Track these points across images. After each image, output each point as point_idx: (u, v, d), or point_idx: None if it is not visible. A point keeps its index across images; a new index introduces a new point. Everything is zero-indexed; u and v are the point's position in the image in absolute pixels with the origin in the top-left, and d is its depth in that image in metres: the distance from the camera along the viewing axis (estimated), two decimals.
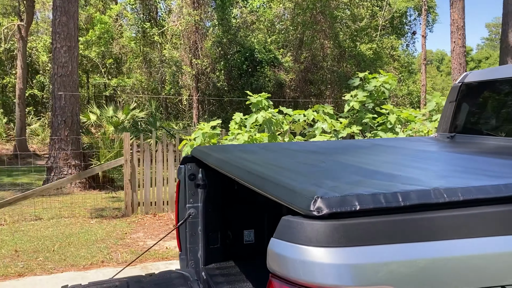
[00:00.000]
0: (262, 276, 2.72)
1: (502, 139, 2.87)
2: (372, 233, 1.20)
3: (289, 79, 18.30)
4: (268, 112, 6.53)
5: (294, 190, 1.32)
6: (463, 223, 1.24)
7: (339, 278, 1.16)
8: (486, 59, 51.53)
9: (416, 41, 67.32)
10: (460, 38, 15.65)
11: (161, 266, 5.64)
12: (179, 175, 2.91)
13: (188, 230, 2.92)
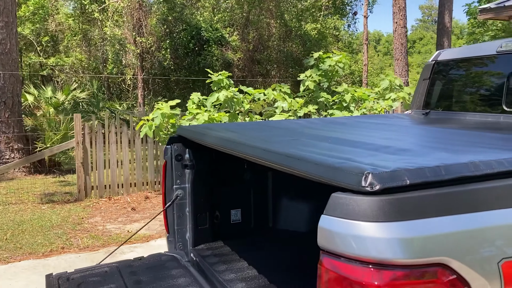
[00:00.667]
0: (254, 254, 2.73)
1: (475, 114, 3.02)
2: (422, 206, 1.23)
3: (237, 58, 18.17)
4: (229, 91, 6.47)
5: (341, 168, 1.31)
6: (505, 193, 1.31)
7: (393, 251, 1.18)
8: (420, 39, 53.80)
9: (357, 22, 68.78)
10: (401, 19, 16.21)
11: (125, 250, 5.50)
12: (165, 156, 2.83)
13: (176, 212, 2.86)
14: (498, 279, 1.24)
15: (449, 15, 16.89)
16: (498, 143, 1.93)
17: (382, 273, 1.19)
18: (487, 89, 3.02)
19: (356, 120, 3.15)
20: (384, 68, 43.72)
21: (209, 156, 2.89)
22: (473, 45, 3.34)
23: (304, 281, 2.39)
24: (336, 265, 1.24)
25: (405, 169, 1.27)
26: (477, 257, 1.23)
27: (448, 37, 17.04)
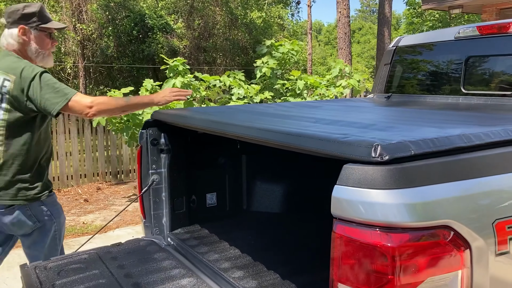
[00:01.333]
0: (233, 235, 2.79)
1: (435, 96, 3.22)
2: (426, 174, 1.33)
3: (182, 46, 17.92)
4: (186, 77, 6.41)
5: (349, 142, 1.39)
6: (494, 162, 1.44)
7: (401, 215, 1.27)
8: (359, 29, 55.43)
9: (301, 11, 69.72)
10: (345, 8, 16.63)
11: (83, 241, 5.36)
12: (140, 140, 2.79)
13: (152, 197, 2.85)
14: (493, 238, 1.37)
15: (389, 5, 17.54)
16: (471, 120, 2.10)
17: (391, 236, 1.28)
18: (446, 73, 3.22)
19: (327, 104, 3.26)
20: (325, 58, 44.70)
21: (185, 140, 2.89)
22: (432, 31, 3.54)
23: (286, 256, 2.47)
24: (349, 230, 1.32)
25: (409, 141, 1.37)
26: (475, 219, 1.36)
27: (388, 26, 17.71)
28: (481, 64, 3.04)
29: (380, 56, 17.74)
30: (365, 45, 51.67)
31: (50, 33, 2.76)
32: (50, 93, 2.55)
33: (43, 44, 2.74)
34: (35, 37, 2.71)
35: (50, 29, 2.75)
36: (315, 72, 28.81)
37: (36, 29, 2.70)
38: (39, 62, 2.76)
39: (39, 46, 2.73)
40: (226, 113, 2.57)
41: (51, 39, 2.78)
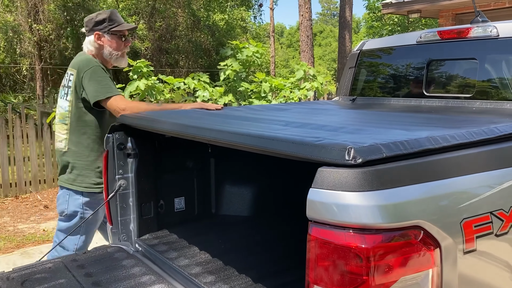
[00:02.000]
0: (202, 239, 2.76)
1: (398, 99, 3.31)
2: (397, 176, 1.36)
3: (144, 47, 17.67)
4: (150, 79, 6.32)
5: (323, 145, 1.41)
6: (459, 163, 1.49)
7: (374, 217, 1.30)
8: (320, 32, 56.27)
9: (263, 13, 70.18)
10: (307, 11, 16.85)
11: (44, 249, 5.18)
12: (106, 145, 2.73)
13: (119, 203, 2.79)
14: (461, 237, 1.42)
15: (350, 9, 17.90)
16: (435, 122, 2.16)
17: (365, 237, 1.31)
18: (409, 76, 3.31)
19: (295, 106, 3.29)
20: (288, 60, 45.10)
21: (153, 144, 2.85)
22: (396, 36, 3.63)
23: (257, 259, 2.48)
24: (324, 233, 1.34)
25: (380, 143, 1.40)
26: (444, 219, 1.40)
27: (349, 30, 18.07)
28: (442, 67, 3.15)
29: (341, 59, 18.07)
30: (327, 48, 52.49)
31: (121, 35, 3.06)
32: (96, 85, 2.94)
33: (116, 45, 3.06)
34: (108, 41, 3.04)
35: (121, 31, 3.05)
36: (278, 74, 29.03)
37: (108, 32, 3.02)
38: (113, 63, 3.13)
39: (112, 48, 3.06)
40: (195, 117, 2.55)
41: (123, 41, 3.09)
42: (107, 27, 3.03)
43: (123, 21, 3.13)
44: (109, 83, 2.99)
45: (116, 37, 3.05)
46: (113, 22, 3.04)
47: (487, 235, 1.48)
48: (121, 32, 3.06)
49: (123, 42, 3.10)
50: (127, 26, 3.09)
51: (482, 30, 2.90)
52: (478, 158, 1.57)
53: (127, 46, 3.14)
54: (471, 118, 2.29)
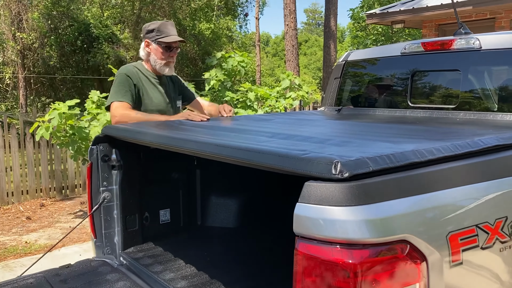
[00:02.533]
0: (188, 252, 2.74)
1: (384, 110, 3.33)
2: (384, 190, 1.36)
3: (129, 56, 17.58)
4: None
5: (309, 159, 1.40)
6: (445, 176, 1.50)
7: (361, 232, 1.30)
8: (306, 42, 56.67)
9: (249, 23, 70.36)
10: (292, 21, 16.95)
11: (26, 262, 5.08)
12: (90, 157, 2.69)
13: (103, 215, 2.74)
14: (447, 250, 1.42)
15: (334, 19, 18.07)
16: (421, 134, 2.18)
17: (352, 252, 1.30)
18: (393, 87, 3.34)
19: (281, 117, 3.28)
20: (273, 69, 45.30)
21: (138, 156, 2.82)
22: (380, 47, 3.66)
23: (243, 272, 2.45)
24: (312, 248, 1.32)
25: (367, 157, 1.40)
26: (430, 233, 1.40)
27: (334, 39, 18.23)
28: (426, 78, 3.18)
29: (326, 68, 18.20)
30: (312, 57, 52.87)
31: (166, 46, 3.25)
32: (110, 92, 3.25)
33: (160, 55, 3.27)
34: (154, 49, 3.27)
35: (166, 42, 3.24)
36: (264, 83, 29.11)
37: (155, 42, 3.26)
38: (158, 70, 3.32)
39: (157, 56, 3.28)
40: (181, 128, 2.53)
41: (168, 51, 3.27)
42: (155, 37, 3.25)
43: (173, 33, 3.30)
44: (118, 90, 3.19)
45: (161, 47, 3.26)
46: (161, 33, 3.24)
47: (473, 248, 1.48)
48: (166, 43, 3.25)
49: (168, 52, 3.28)
50: (173, 38, 3.25)
51: (465, 42, 2.94)
52: (463, 170, 1.58)
53: (172, 57, 3.32)
54: (455, 130, 2.31)
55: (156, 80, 3.34)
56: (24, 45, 16.94)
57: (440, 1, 8.28)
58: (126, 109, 3.13)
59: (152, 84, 3.32)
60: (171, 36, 3.26)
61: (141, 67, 3.35)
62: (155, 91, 3.32)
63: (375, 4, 18.10)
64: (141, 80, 3.28)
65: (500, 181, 1.64)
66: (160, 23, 3.31)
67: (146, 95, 3.28)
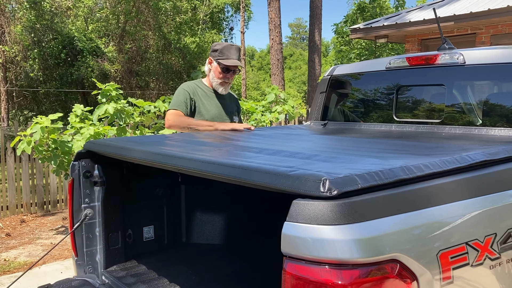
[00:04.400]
0: (172, 270, 2.68)
1: (369, 124, 3.32)
2: (373, 208, 1.33)
3: (114, 69, 17.47)
4: (119, 102, 6.20)
5: (296, 176, 1.37)
6: (434, 192, 1.48)
7: (351, 252, 1.26)
8: (290, 56, 57.11)
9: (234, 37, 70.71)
10: (277, 35, 17.08)
11: (4, 281, 4.93)
12: (72, 173, 2.63)
13: (85, 233, 2.67)
14: (438, 268, 1.39)
15: (319, 33, 18.25)
16: (408, 149, 2.17)
17: (341, 272, 1.27)
18: (379, 101, 3.34)
19: (267, 131, 3.26)
20: (259, 83, 45.46)
21: (121, 171, 2.76)
22: (365, 62, 3.67)
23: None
24: (300, 269, 1.28)
25: (355, 174, 1.37)
26: (421, 251, 1.37)
27: (319, 53, 18.39)
28: (411, 93, 3.19)
29: (311, 82, 18.32)
30: (296, 71, 53.25)
31: (224, 67, 3.56)
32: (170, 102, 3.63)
33: (217, 74, 3.60)
34: (214, 67, 3.62)
35: (224, 64, 3.54)
36: (249, 96, 29.17)
37: (216, 61, 3.58)
38: (214, 87, 3.67)
39: (214, 74, 3.62)
40: (165, 144, 2.49)
41: (225, 72, 3.58)
42: (217, 57, 3.57)
43: (233, 57, 3.56)
44: (175, 101, 3.57)
45: (220, 67, 3.57)
46: (222, 55, 3.55)
47: (463, 266, 1.46)
48: (225, 65, 3.55)
49: (225, 73, 3.59)
50: (231, 62, 3.54)
51: (449, 57, 2.96)
52: (452, 187, 1.56)
53: (228, 78, 3.61)
54: (441, 145, 2.30)
55: (212, 94, 3.68)
56: (6, 58, 16.72)
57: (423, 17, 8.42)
58: (178, 115, 3.48)
59: (209, 97, 3.66)
60: (231, 59, 3.54)
61: (199, 83, 3.71)
62: (211, 103, 3.65)
63: (358, 19, 18.33)
64: (198, 94, 3.62)
65: (488, 197, 1.63)
66: (225, 45, 3.59)
67: (203, 107, 3.60)
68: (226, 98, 3.76)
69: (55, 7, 17.34)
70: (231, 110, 3.77)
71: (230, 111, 3.75)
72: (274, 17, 16.77)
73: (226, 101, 3.75)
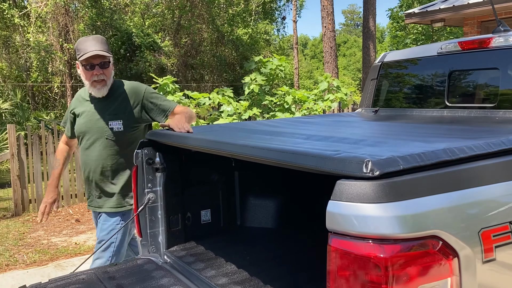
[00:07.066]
0: (228, 251, 2.83)
1: (421, 110, 3.32)
2: (414, 187, 1.40)
3: (170, 63, 18.02)
4: (176, 95, 6.48)
5: (341, 158, 1.46)
6: (477, 174, 1.53)
7: (392, 228, 1.35)
8: (344, 43, 56.15)
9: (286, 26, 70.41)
10: (330, 23, 16.89)
11: (76, 262, 5.35)
12: (136, 161, 2.84)
13: (148, 215, 2.89)
14: (479, 246, 1.45)
15: (373, 19, 17.86)
16: (455, 133, 2.19)
17: (384, 247, 1.35)
18: (430, 87, 3.33)
19: (317, 119, 3.34)
20: (312, 71, 45.12)
21: (180, 159, 2.95)
22: (416, 47, 3.65)
23: (281, 270, 2.53)
24: (344, 243, 1.38)
25: (398, 156, 1.45)
26: (462, 229, 1.43)
27: (373, 40, 18.02)
28: (464, 78, 3.16)
29: (366, 69, 18.00)
30: (351, 58, 52.32)
31: (85, 65, 2.97)
32: None
33: (84, 75, 3.03)
34: (80, 71, 3.05)
35: (83, 61, 2.96)
36: (302, 85, 29.06)
37: (79, 63, 3.01)
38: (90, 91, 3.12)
39: (84, 78, 3.04)
40: (220, 132, 2.64)
41: (90, 70, 2.98)
42: (77, 57, 2.99)
43: (91, 48, 2.92)
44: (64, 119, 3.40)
45: (83, 66, 2.99)
46: (79, 52, 2.96)
47: (506, 245, 1.50)
48: (84, 61, 2.94)
49: (91, 71, 2.96)
50: (88, 55, 2.91)
51: (504, 40, 2.91)
52: (496, 168, 1.59)
53: (98, 74, 2.97)
54: (491, 129, 2.30)
55: (87, 100, 3.17)
56: (71, 55, 17.66)
57: None
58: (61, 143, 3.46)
59: (82, 105, 3.17)
60: (88, 52, 2.91)
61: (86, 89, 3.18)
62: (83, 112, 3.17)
63: (414, 2, 17.75)
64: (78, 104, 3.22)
65: None
66: (80, 40, 3.01)
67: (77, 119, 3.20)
68: (113, 99, 3.13)
69: (114, 4, 18.10)
70: (117, 111, 3.11)
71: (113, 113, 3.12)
72: (326, 4, 16.58)
73: (109, 103, 3.12)
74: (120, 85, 3.21)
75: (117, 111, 3.13)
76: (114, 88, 3.16)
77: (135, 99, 3.17)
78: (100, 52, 2.94)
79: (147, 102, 3.19)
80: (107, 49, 3.02)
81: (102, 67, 3.00)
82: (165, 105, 3.20)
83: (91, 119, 3.15)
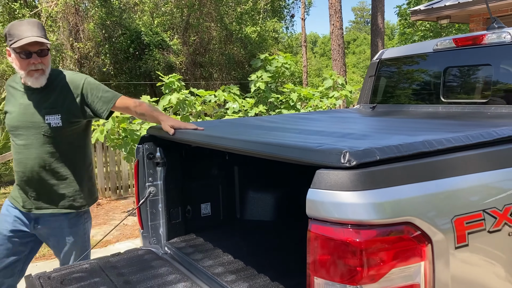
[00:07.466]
0: (226, 242, 2.93)
1: (417, 106, 3.39)
2: (390, 176, 1.49)
3: (179, 62, 18.18)
4: (181, 93, 6.59)
5: (321, 150, 1.55)
6: (453, 164, 1.60)
7: (368, 214, 1.43)
8: (354, 40, 55.98)
9: (295, 24, 70.33)
10: (338, 21, 16.90)
11: None
12: (137, 155, 2.95)
13: (149, 208, 2.99)
14: (452, 233, 1.52)
15: (382, 16, 17.84)
16: (442, 127, 2.26)
17: (360, 232, 1.44)
18: (426, 83, 3.40)
19: (316, 115, 3.43)
20: (321, 69, 45.07)
21: (179, 153, 3.05)
22: (412, 44, 3.72)
23: (276, 260, 2.62)
24: (323, 229, 1.47)
25: (375, 147, 1.53)
26: (435, 216, 1.51)
27: (382, 37, 17.98)
28: (458, 74, 3.22)
29: None
30: (360, 56, 52.17)
31: (20, 52, 2.61)
32: None
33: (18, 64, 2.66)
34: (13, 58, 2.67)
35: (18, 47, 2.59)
36: (311, 83, 29.06)
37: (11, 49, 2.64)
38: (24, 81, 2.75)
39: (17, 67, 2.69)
40: (217, 127, 2.74)
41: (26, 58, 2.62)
42: (9, 43, 2.62)
43: (27, 33, 2.55)
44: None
45: (17, 54, 2.61)
46: (12, 37, 2.59)
47: (479, 231, 1.57)
48: (20, 48, 2.58)
49: (27, 59, 2.61)
50: (25, 40, 2.54)
51: (496, 37, 2.97)
52: (472, 159, 1.67)
53: (35, 63, 2.62)
54: (478, 123, 2.37)
55: (21, 91, 2.78)
56: (81, 54, 17.91)
57: None
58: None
59: (13, 97, 2.80)
60: (24, 38, 2.54)
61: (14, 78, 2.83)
62: (14, 104, 2.79)
63: (422, 0, 17.70)
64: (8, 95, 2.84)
65: (510, 170, 1.71)
66: (11, 24, 2.63)
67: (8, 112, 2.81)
68: (50, 90, 2.76)
69: (123, 4, 18.30)
70: (55, 105, 2.75)
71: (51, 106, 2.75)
72: (334, 2, 16.60)
73: (46, 95, 2.76)
74: (58, 74, 2.83)
75: (55, 104, 2.76)
76: (52, 78, 2.77)
77: (74, 91, 2.80)
78: (39, 38, 2.57)
79: (87, 93, 2.82)
80: (45, 35, 2.65)
81: (40, 55, 2.63)
82: (107, 96, 2.87)
83: (25, 113, 2.75)
